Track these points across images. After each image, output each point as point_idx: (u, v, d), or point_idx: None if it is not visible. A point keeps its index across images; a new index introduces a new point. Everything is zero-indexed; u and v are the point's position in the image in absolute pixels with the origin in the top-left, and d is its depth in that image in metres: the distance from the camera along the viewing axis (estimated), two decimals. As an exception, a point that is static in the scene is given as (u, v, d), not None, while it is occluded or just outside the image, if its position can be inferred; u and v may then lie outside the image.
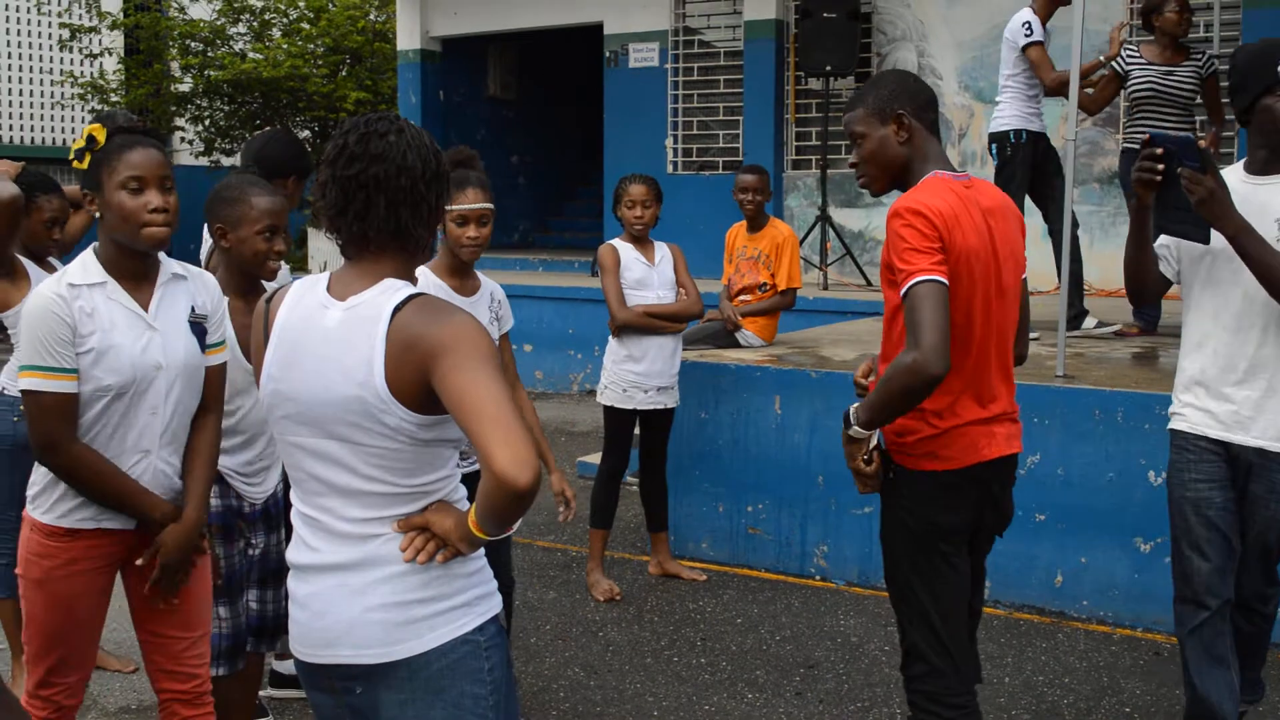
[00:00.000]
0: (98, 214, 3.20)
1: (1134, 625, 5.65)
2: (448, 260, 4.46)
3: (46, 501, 3.25)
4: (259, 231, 3.65)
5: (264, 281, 3.81)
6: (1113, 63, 7.45)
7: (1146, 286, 3.93)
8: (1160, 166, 3.51)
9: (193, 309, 3.34)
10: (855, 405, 3.24)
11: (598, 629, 5.69)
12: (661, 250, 6.20)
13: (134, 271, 3.25)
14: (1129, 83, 7.42)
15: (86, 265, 3.22)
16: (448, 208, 4.24)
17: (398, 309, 2.32)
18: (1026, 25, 7.23)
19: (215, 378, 3.42)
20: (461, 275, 4.50)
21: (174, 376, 3.26)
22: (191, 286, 3.38)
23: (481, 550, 2.45)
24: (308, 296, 2.45)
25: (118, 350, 3.15)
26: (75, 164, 3.19)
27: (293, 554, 2.51)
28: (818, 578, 6.37)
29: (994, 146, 7.45)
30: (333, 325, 2.37)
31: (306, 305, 2.44)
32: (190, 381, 3.32)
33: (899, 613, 3.42)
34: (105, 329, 3.15)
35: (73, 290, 3.15)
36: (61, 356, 3.10)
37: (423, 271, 4.38)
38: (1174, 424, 3.98)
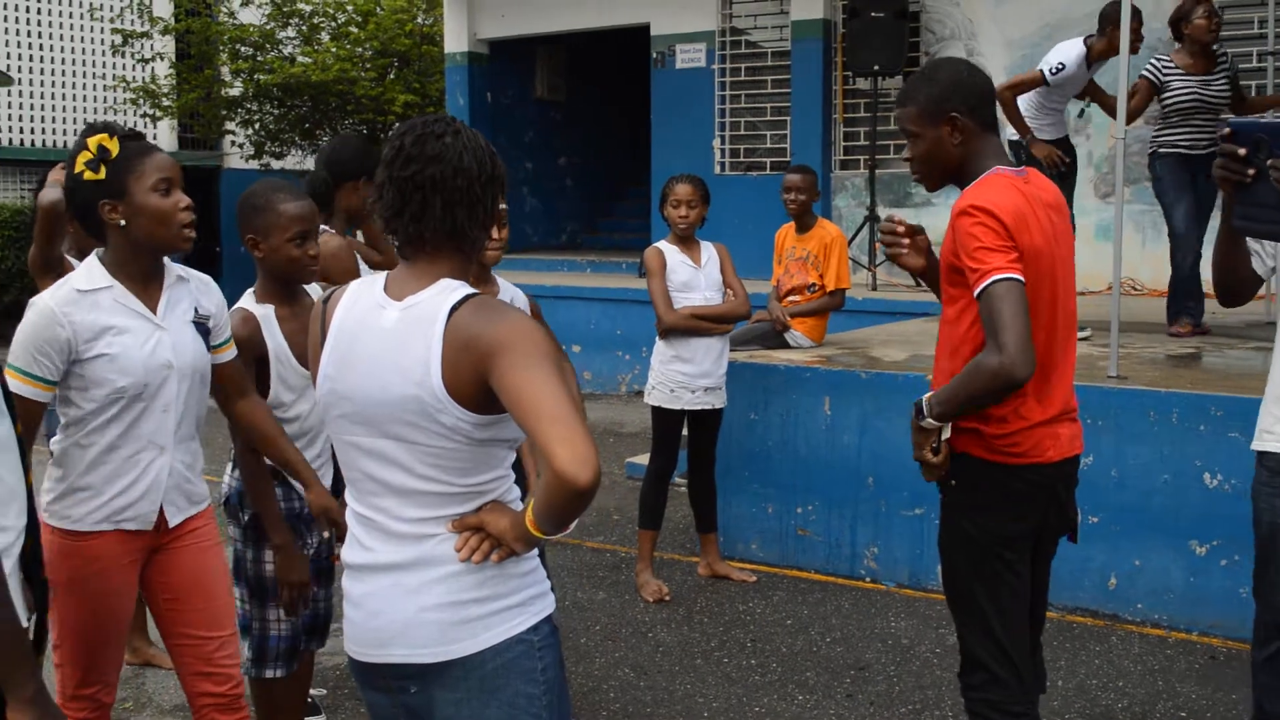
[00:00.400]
0: (121, 222, 3.19)
1: (1189, 629, 5.59)
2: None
3: (62, 507, 3.28)
4: (290, 239, 3.68)
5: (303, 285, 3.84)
6: (1143, 71, 7.49)
7: (1237, 284, 3.56)
8: (1246, 166, 3.08)
9: (195, 310, 3.37)
10: (928, 396, 3.19)
11: (647, 630, 5.69)
12: (708, 251, 6.19)
13: (142, 274, 3.28)
14: (1166, 94, 7.42)
15: (91, 271, 3.24)
16: None
17: (454, 309, 2.32)
18: (1059, 66, 7.18)
19: (232, 369, 3.48)
20: (484, 281, 4.39)
21: (185, 375, 3.29)
22: (193, 288, 3.41)
23: (535, 550, 2.45)
24: (365, 297, 2.46)
25: (129, 352, 3.18)
26: (89, 175, 3.16)
27: (348, 554, 2.52)
28: (868, 579, 6.35)
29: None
30: (389, 325, 2.38)
31: (363, 305, 2.45)
32: (200, 380, 3.36)
33: (959, 621, 3.37)
34: (115, 332, 3.18)
35: (78, 297, 3.17)
36: (43, 366, 3.12)
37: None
38: (1264, 444, 3.52)
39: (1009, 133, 7.36)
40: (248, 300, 3.79)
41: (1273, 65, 8.57)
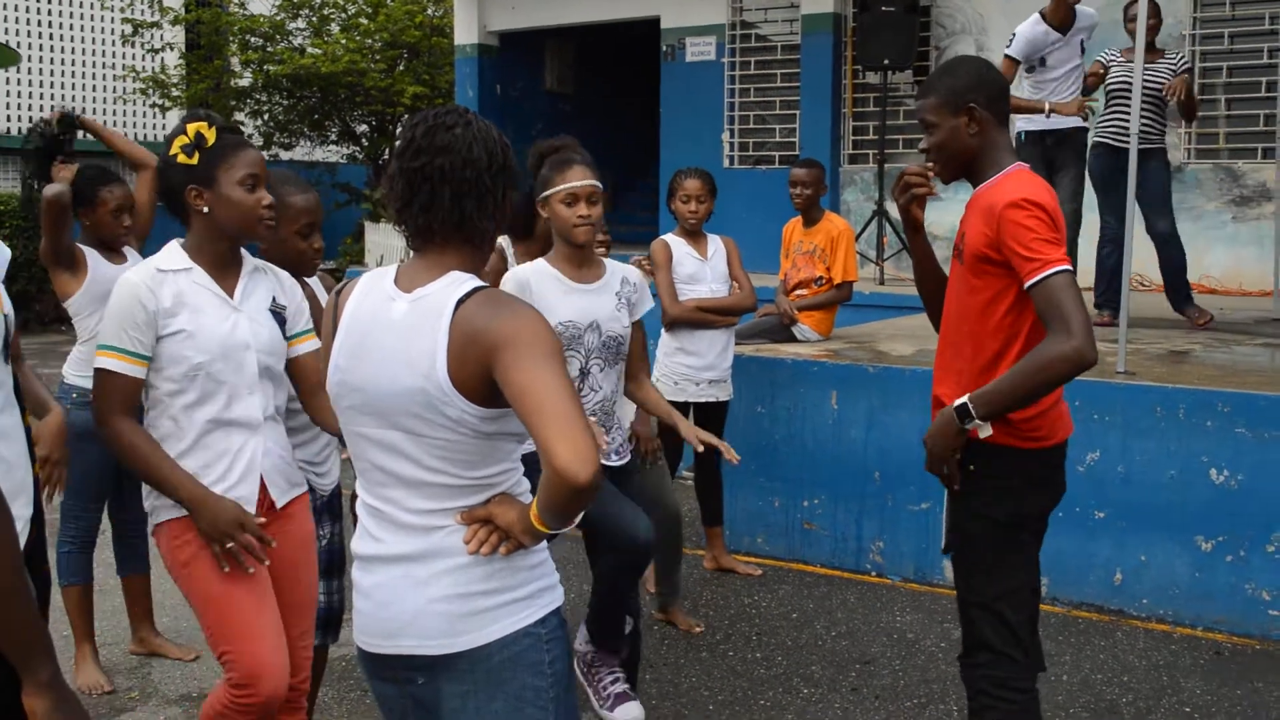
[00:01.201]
0: (205, 208, 3.27)
1: (1194, 624, 5.59)
2: (562, 249, 4.35)
3: (164, 503, 3.30)
4: (297, 231, 3.71)
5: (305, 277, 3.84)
6: (1097, 58, 7.89)
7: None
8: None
9: (273, 299, 3.41)
10: (970, 396, 3.18)
11: (653, 622, 5.70)
12: (715, 244, 6.19)
13: (220, 261, 3.34)
14: (1109, 78, 7.77)
15: (172, 253, 3.32)
16: (551, 190, 4.21)
17: (461, 301, 2.33)
18: (1011, 36, 7.66)
19: (311, 361, 3.46)
20: (578, 263, 4.34)
21: (264, 358, 3.32)
22: (271, 279, 3.46)
23: (544, 543, 2.46)
24: (375, 288, 2.47)
25: (207, 330, 3.23)
26: (183, 158, 3.24)
27: (358, 545, 2.53)
28: (873, 573, 6.35)
29: None
30: (398, 317, 2.39)
31: (374, 297, 2.46)
32: (277, 366, 3.39)
33: (969, 606, 3.38)
34: (193, 311, 3.24)
35: (160, 275, 3.25)
36: (136, 341, 3.19)
37: (537, 264, 4.32)
38: None
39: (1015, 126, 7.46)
40: None
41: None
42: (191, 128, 3.25)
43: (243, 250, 3.42)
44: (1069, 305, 3.03)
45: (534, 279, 4.27)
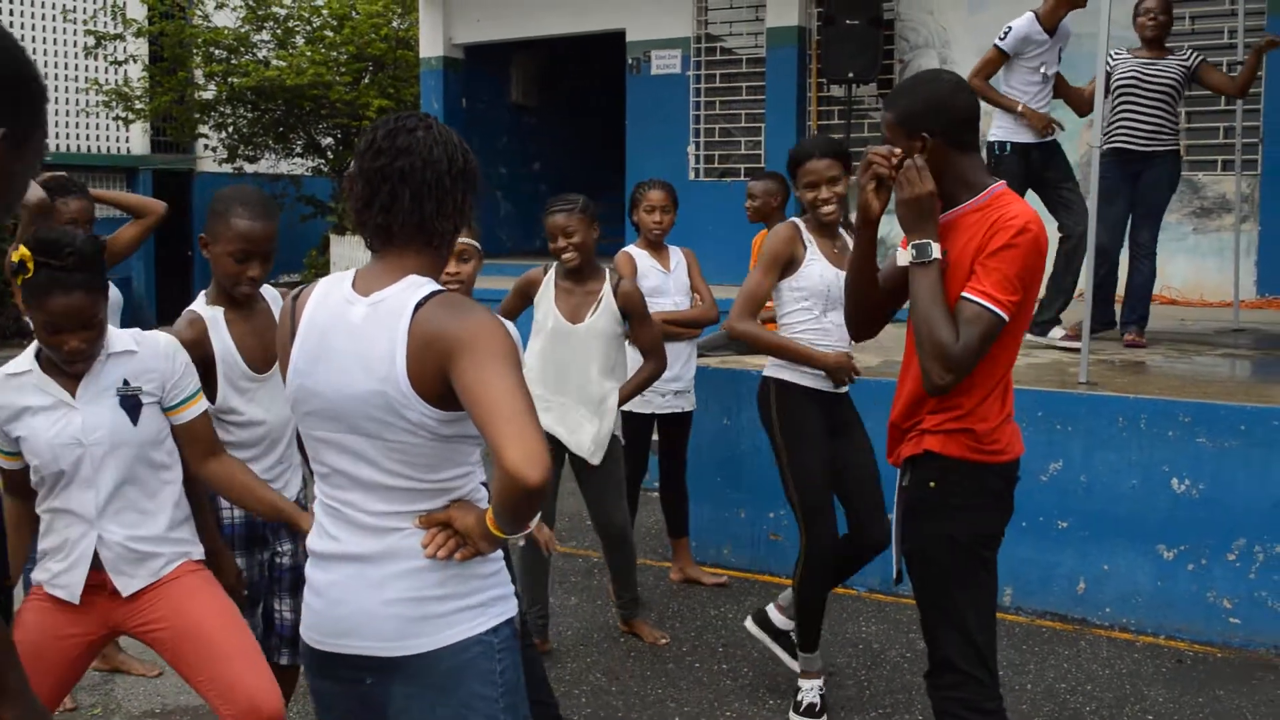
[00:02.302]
0: (33, 326, 3.30)
1: (1156, 633, 5.63)
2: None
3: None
4: (230, 253, 3.68)
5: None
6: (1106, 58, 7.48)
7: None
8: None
9: (126, 382, 3.39)
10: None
11: (619, 635, 5.70)
12: (676, 256, 6.21)
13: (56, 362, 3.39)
14: (1114, 77, 7.43)
15: (21, 357, 3.41)
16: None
17: (420, 305, 2.34)
18: (1006, 30, 7.29)
19: (194, 429, 3.48)
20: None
21: (101, 451, 3.34)
22: (129, 362, 3.42)
23: (500, 552, 2.49)
24: (333, 292, 2.49)
25: (36, 434, 3.32)
26: (16, 280, 3.24)
27: (314, 542, 2.55)
28: (838, 585, 6.36)
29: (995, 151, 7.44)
30: (357, 320, 2.40)
31: (332, 301, 2.47)
32: (134, 451, 3.39)
33: (932, 623, 3.35)
34: (30, 414, 3.34)
35: (5, 379, 3.37)
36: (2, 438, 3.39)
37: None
38: None
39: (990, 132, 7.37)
40: (199, 303, 3.78)
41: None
42: (17, 255, 3.20)
43: (110, 331, 3.40)
44: (975, 339, 3.09)
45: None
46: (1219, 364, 6.97)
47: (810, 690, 4.82)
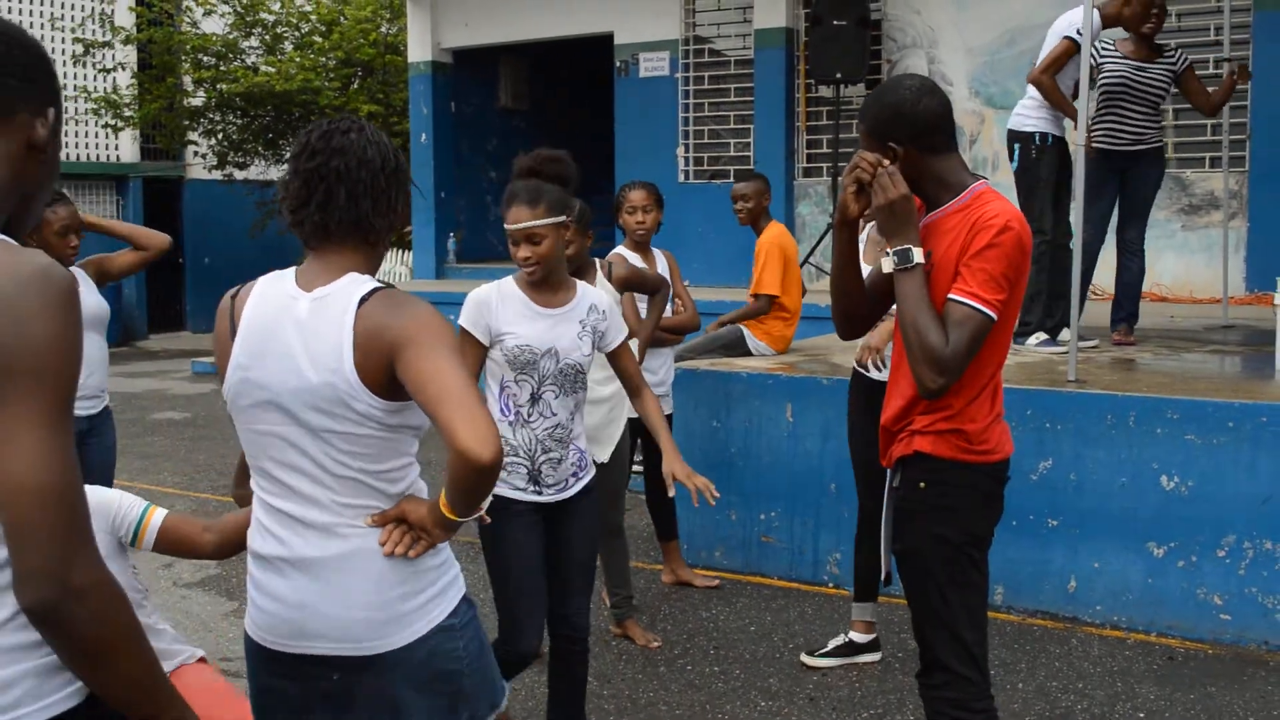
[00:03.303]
0: None
1: (1148, 630, 5.64)
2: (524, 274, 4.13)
3: None
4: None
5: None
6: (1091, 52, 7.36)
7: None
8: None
9: None
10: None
11: (611, 637, 5.69)
12: (661, 259, 6.21)
13: None
14: (1101, 75, 7.29)
15: None
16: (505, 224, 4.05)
17: (363, 300, 2.42)
18: (1074, 24, 6.97)
19: None
20: (539, 288, 4.08)
21: None
22: None
23: (447, 542, 2.56)
24: (274, 289, 2.54)
25: None
26: None
27: (256, 543, 2.58)
28: (831, 585, 6.37)
29: (1015, 146, 7.29)
30: (303, 315, 2.46)
31: (274, 297, 2.52)
32: None
33: (924, 624, 3.35)
34: None
35: None
36: None
37: (504, 283, 4.10)
38: None
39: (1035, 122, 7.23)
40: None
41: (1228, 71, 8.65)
42: None
43: None
44: (964, 342, 3.10)
45: (496, 299, 4.05)
46: (1208, 361, 6.98)
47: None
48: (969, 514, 3.29)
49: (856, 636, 5.35)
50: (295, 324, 2.46)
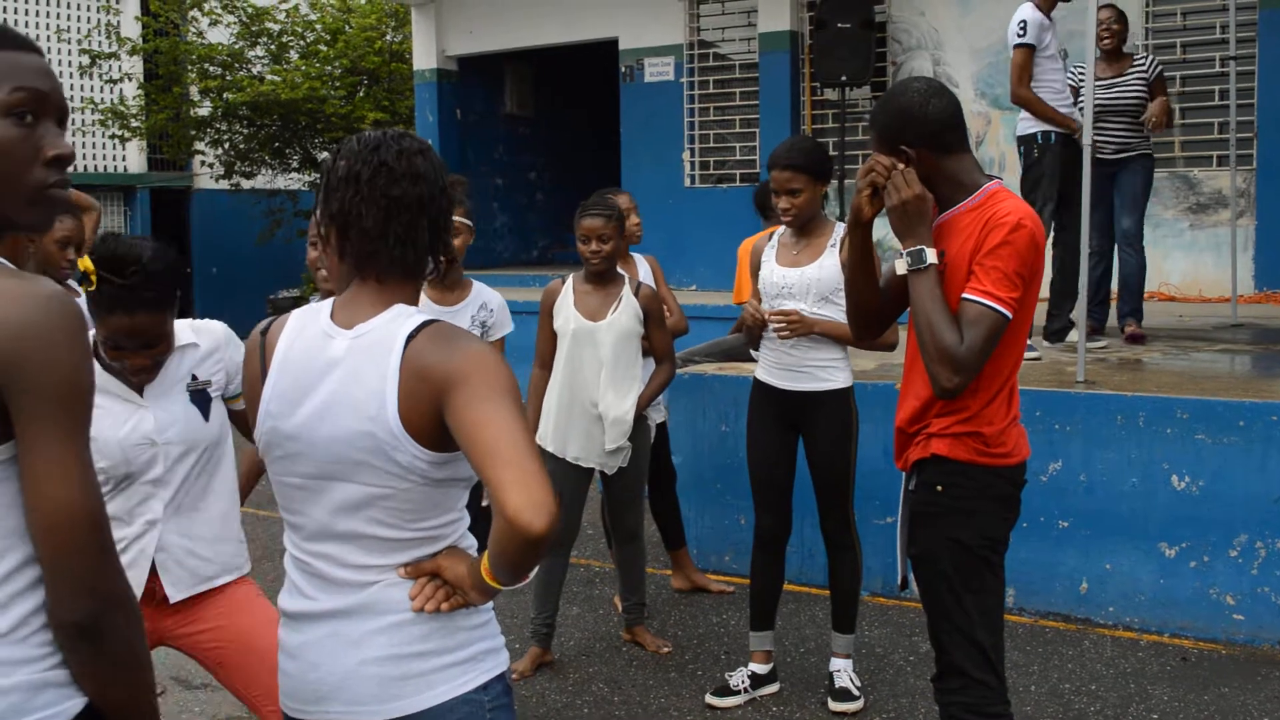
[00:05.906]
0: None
1: (1160, 631, 5.62)
2: None
3: None
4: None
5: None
6: (1066, 76, 7.46)
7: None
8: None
9: (194, 377, 3.34)
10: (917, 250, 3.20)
11: (621, 643, 5.69)
12: (643, 266, 6.19)
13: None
14: (1078, 100, 7.33)
15: None
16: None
17: (411, 336, 2.15)
18: (1021, 25, 7.05)
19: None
20: (441, 286, 4.67)
21: (174, 450, 3.27)
22: (200, 353, 3.38)
23: (490, 603, 2.28)
24: (309, 325, 2.29)
25: (104, 434, 3.14)
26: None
27: (286, 601, 2.34)
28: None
29: (1021, 149, 7.34)
30: (339, 355, 2.20)
31: (308, 335, 2.27)
32: (205, 451, 3.34)
33: (939, 629, 3.32)
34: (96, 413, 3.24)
35: None
36: None
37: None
38: None
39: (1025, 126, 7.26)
40: None
41: (1234, 70, 8.63)
42: (83, 264, 3.11)
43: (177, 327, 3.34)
44: (979, 340, 3.09)
45: None
46: (1217, 359, 6.96)
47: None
48: (986, 518, 3.28)
49: (757, 668, 5.13)
50: (329, 366, 2.20)
